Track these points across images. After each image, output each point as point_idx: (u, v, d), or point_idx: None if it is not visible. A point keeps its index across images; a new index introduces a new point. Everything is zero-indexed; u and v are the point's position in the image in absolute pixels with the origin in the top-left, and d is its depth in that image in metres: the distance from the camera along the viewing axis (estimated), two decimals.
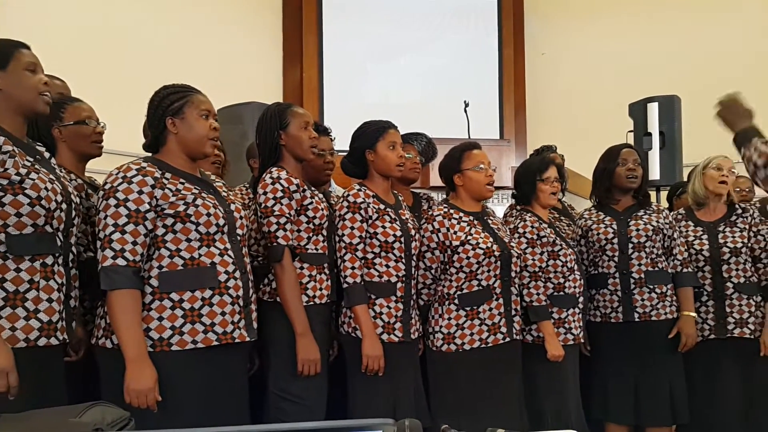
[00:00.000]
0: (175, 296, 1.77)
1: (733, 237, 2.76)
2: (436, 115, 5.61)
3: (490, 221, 2.48)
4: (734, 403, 2.68)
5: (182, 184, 1.83)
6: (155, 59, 5.22)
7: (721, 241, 2.76)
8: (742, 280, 2.73)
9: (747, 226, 2.78)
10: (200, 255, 1.80)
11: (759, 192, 3.94)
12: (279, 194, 2.09)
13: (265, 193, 2.10)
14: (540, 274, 2.53)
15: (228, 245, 1.86)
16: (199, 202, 1.81)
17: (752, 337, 2.69)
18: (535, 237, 2.55)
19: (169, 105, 1.86)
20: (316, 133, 2.26)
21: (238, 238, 1.92)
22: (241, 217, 1.94)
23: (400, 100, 6.26)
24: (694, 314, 2.70)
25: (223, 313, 1.81)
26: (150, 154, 1.91)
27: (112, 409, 1.29)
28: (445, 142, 3.04)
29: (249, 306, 1.91)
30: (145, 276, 1.76)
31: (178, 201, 1.78)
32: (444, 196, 2.69)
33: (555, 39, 6.74)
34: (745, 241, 2.75)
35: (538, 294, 2.51)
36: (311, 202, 2.16)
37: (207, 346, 1.79)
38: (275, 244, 2.08)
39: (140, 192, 1.74)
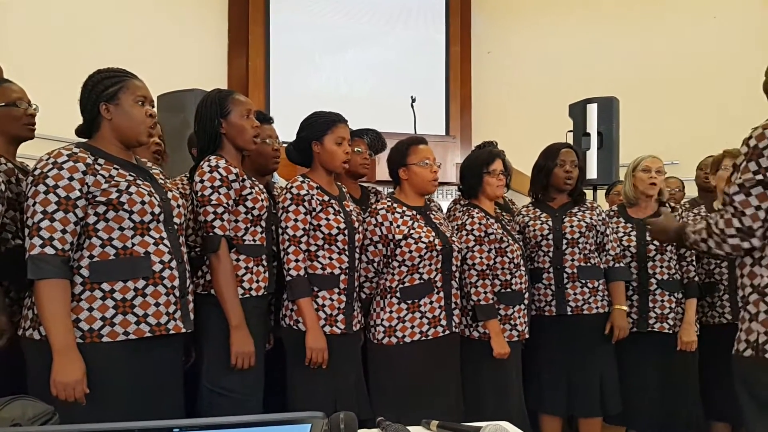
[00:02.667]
0: (106, 286, 1.72)
1: None
2: (383, 109, 5.61)
3: (432, 216, 2.50)
4: (654, 393, 2.80)
5: (116, 170, 1.77)
6: (94, 42, 5.02)
7: (648, 238, 2.86)
8: (665, 276, 2.84)
9: None
10: (134, 244, 1.75)
11: (689, 192, 4.13)
12: (216, 183, 2.04)
13: (202, 182, 2.05)
14: (488, 272, 2.55)
15: (164, 234, 1.81)
16: (133, 189, 1.76)
17: (671, 332, 2.81)
18: (482, 234, 2.57)
19: (103, 90, 1.79)
20: (259, 122, 2.22)
21: (175, 227, 1.87)
22: (178, 206, 1.89)
23: (348, 92, 6.25)
24: (625, 308, 2.80)
25: (157, 304, 1.77)
26: (83, 140, 1.84)
27: (34, 404, 1.24)
28: (392, 137, 3.05)
29: (186, 297, 1.87)
30: (75, 266, 1.70)
31: (111, 188, 1.73)
32: (392, 190, 2.69)
33: (500, 38, 6.86)
34: None
35: (485, 293, 2.53)
36: (251, 193, 2.12)
37: (139, 337, 1.74)
38: (211, 234, 2.03)
39: (71, 178, 1.68)
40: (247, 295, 2.08)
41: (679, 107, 6.15)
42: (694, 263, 2.89)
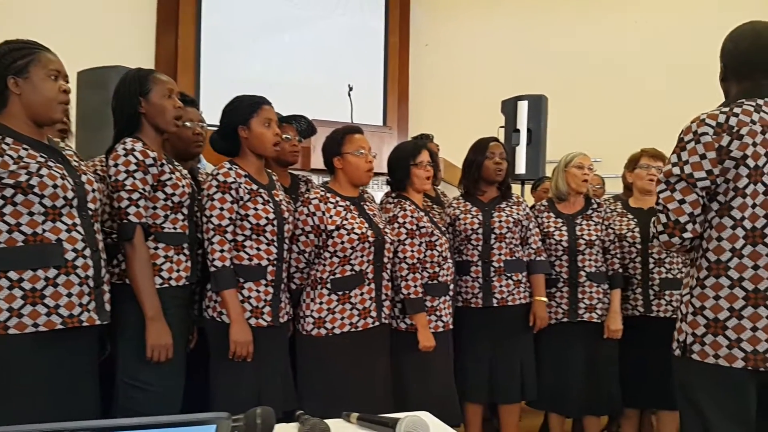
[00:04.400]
0: (13, 275, 1.61)
1: (589, 230, 2.98)
2: (318, 96, 5.55)
3: (366, 207, 2.48)
4: (580, 378, 2.92)
5: (25, 150, 1.65)
6: (10, 14, 4.69)
7: (578, 232, 2.98)
8: (593, 269, 2.96)
9: (601, 220, 3.02)
10: (44, 231, 1.65)
11: (611, 188, 4.30)
12: (132, 167, 1.93)
13: (116, 166, 1.94)
14: (418, 265, 2.57)
15: (77, 220, 1.71)
16: (44, 171, 1.65)
17: (599, 321, 2.94)
18: (414, 228, 2.58)
19: (11, 63, 1.66)
20: (182, 104, 2.12)
21: (90, 213, 1.76)
22: (93, 190, 1.79)
23: (282, 77, 6.10)
24: (545, 299, 2.91)
25: (69, 295, 1.68)
26: None
27: None
28: (327, 125, 3.01)
29: (101, 287, 1.77)
30: None
31: (20, 170, 1.61)
32: (325, 179, 2.65)
33: (438, 31, 6.91)
34: (599, 233, 2.98)
35: (415, 286, 2.54)
36: (170, 178, 2.02)
37: (50, 329, 1.64)
38: (126, 221, 1.93)
39: None
40: (166, 285, 2.00)
41: (603, 107, 6.40)
42: (618, 256, 3.01)
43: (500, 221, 2.85)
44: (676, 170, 1.64)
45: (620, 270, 3.00)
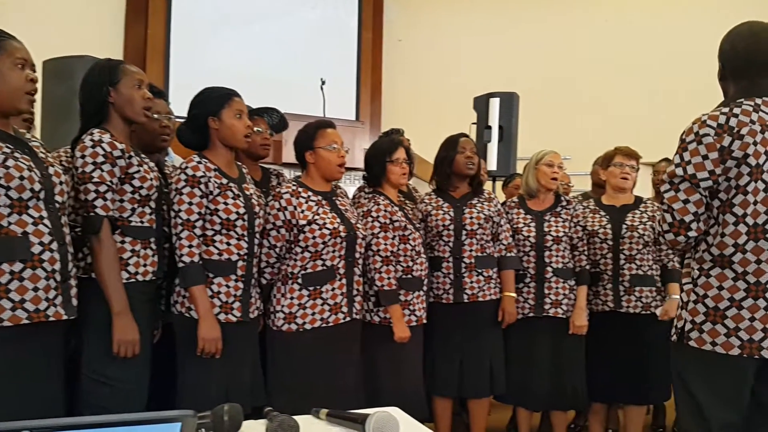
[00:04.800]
0: None
1: (557, 226, 3.03)
2: (290, 89, 5.50)
3: (338, 202, 2.47)
4: (545, 373, 2.97)
5: None
6: None
7: (546, 229, 3.02)
8: (560, 265, 3.00)
9: (569, 217, 3.07)
10: (10, 223, 1.61)
11: (581, 186, 4.37)
12: (99, 159, 1.90)
13: (83, 157, 1.90)
14: (391, 258, 2.59)
15: (44, 213, 1.68)
16: (10, 163, 1.61)
17: (564, 316, 2.98)
18: (387, 221, 2.60)
19: None
20: (151, 95, 2.09)
21: (57, 205, 1.73)
22: (60, 183, 1.75)
23: (254, 70, 6.02)
24: (514, 294, 2.94)
25: (35, 289, 1.64)
26: None
27: None
28: (299, 119, 2.99)
29: (68, 281, 1.74)
30: None
31: None
32: (297, 173, 2.64)
33: (412, 27, 6.92)
34: (567, 230, 3.03)
35: (389, 278, 2.56)
36: (138, 171, 1.99)
37: (15, 324, 1.61)
38: (92, 214, 1.90)
39: None
40: (133, 280, 1.97)
41: (573, 105, 6.49)
42: (585, 253, 3.06)
43: (471, 217, 2.88)
44: (680, 171, 1.70)
45: (587, 267, 3.05)
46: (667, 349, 2.96)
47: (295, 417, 1.35)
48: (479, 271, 2.86)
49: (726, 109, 1.70)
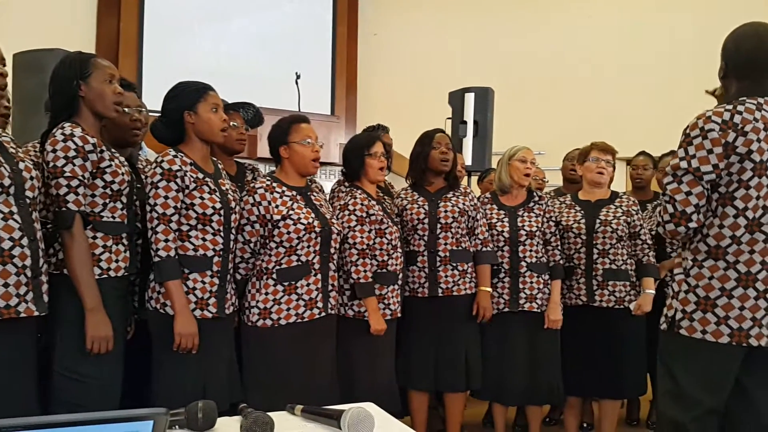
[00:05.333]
0: None
1: (530, 221, 3.06)
2: (265, 84, 5.47)
3: (313, 197, 2.47)
4: (521, 368, 3.00)
5: None
6: None
7: (520, 224, 3.05)
8: (534, 260, 3.03)
9: (542, 212, 3.10)
10: None
11: (553, 181, 4.42)
12: (71, 153, 1.88)
13: (54, 152, 1.87)
14: (367, 251, 2.60)
15: (14, 208, 1.65)
16: None
17: (539, 311, 3.02)
18: (364, 215, 2.61)
19: None
20: (122, 90, 2.06)
21: (27, 201, 1.70)
22: (31, 178, 1.73)
23: (228, 64, 5.96)
24: (489, 289, 2.96)
25: (6, 285, 1.62)
26: None
27: None
28: (274, 113, 2.98)
29: (38, 277, 1.72)
30: None
31: None
32: (272, 168, 2.63)
33: (387, 21, 6.90)
34: (540, 225, 3.07)
35: (365, 271, 2.57)
36: (110, 165, 1.97)
37: None
38: (64, 209, 1.87)
39: None
40: (105, 276, 1.95)
41: (548, 101, 6.55)
42: (559, 247, 3.10)
43: (446, 211, 2.89)
44: (684, 164, 1.75)
45: (561, 261, 3.09)
46: (640, 343, 3.06)
47: (270, 413, 1.35)
48: (454, 264, 2.88)
49: (730, 107, 1.76)
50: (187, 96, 2.16)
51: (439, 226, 2.88)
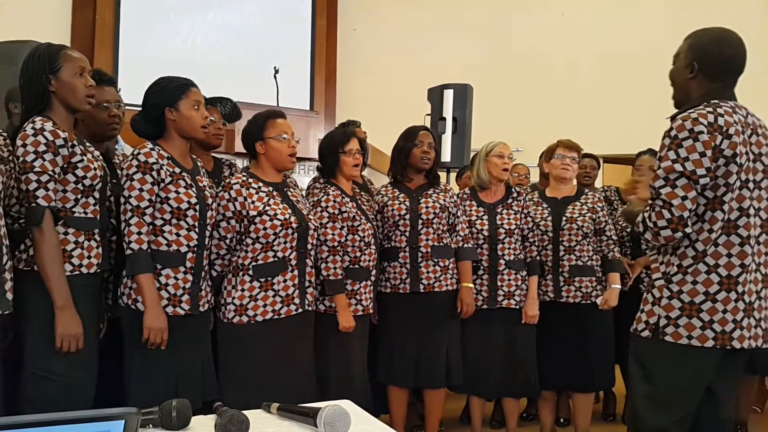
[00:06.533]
0: None
1: (509, 219, 3.08)
2: (243, 78, 5.42)
3: (289, 192, 2.45)
4: (499, 363, 3.02)
5: None
6: None
7: (499, 222, 3.07)
8: (512, 257, 3.05)
9: (520, 209, 3.12)
10: None
11: (533, 178, 4.45)
12: (41, 148, 1.84)
13: (24, 146, 1.84)
14: (338, 248, 2.59)
15: None
16: None
17: (517, 307, 3.04)
18: (336, 212, 2.60)
19: None
20: (95, 82, 2.02)
21: None
22: None
23: (206, 57, 5.90)
24: (471, 285, 2.97)
25: None
26: None
27: None
28: (252, 108, 2.95)
29: (2, 274, 1.69)
30: None
31: None
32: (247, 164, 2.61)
33: (366, 16, 6.88)
34: (518, 222, 3.08)
35: (335, 268, 2.56)
36: (81, 160, 1.94)
37: None
38: (34, 205, 1.84)
39: None
40: (77, 272, 1.92)
41: (527, 97, 6.59)
42: (536, 244, 3.12)
43: (427, 207, 2.89)
44: (678, 167, 1.71)
45: (537, 257, 3.11)
46: (608, 337, 3.10)
47: (245, 411, 1.34)
48: (435, 260, 2.88)
49: (710, 108, 1.74)
50: (169, 93, 2.13)
51: (420, 222, 2.88)
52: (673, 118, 1.81)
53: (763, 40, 4.37)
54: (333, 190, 2.65)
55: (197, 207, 2.12)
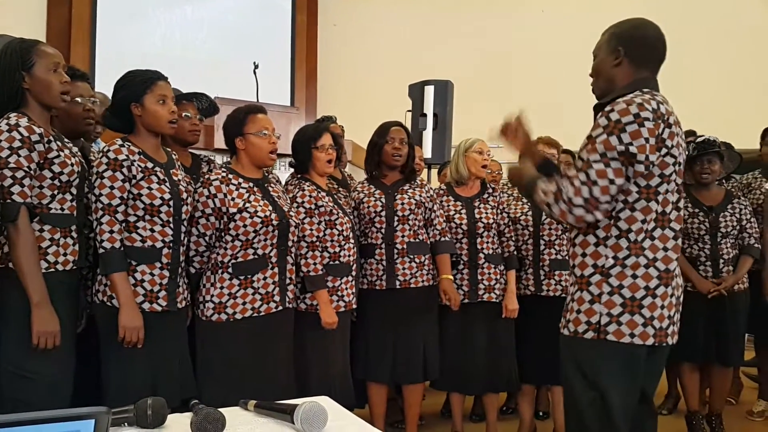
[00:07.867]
0: None
1: (486, 213, 3.10)
2: (222, 73, 5.38)
3: (270, 189, 2.44)
4: (481, 357, 3.04)
5: None
6: None
7: (477, 215, 3.08)
8: (491, 251, 3.07)
9: (496, 204, 3.14)
10: None
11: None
12: (16, 144, 1.82)
13: None
14: (317, 243, 2.58)
15: None
16: None
17: (497, 301, 3.06)
18: (313, 207, 2.59)
19: None
20: (69, 78, 2.00)
21: None
22: None
23: (184, 53, 5.84)
24: (451, 277, 2.98)
25: None
26: None
27: None
28: (232, 103, 2.93)
29: None
30: None
31: None
32: (229, 159, 2.59)
33: (347, 12, 6.86)
34: (495, 217, 3.11)
35: (315, 264, 2.55)
36: (58, 156, 1.92)
37: None
38: (9, 201, 1.82)
39: None
40: (52, 270, 1.90)
41: (507, 94, 6.61)
42: (512, 239, 3.14)
43: (402, 203, 2.90)
44: (620, 147, 1.60)
45: (515, 252, 3.14)
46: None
47: (222, 409, 1.33)
48: (411, 257, 2.88)
49: (648, 96, 1.66)
50: (134, 87, 2.10)
51: (396, 218, 2.89)
52: (600, 107, 1.73)
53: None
54: (308, 185, 2.63)
55: (171, 203, 2.10)
